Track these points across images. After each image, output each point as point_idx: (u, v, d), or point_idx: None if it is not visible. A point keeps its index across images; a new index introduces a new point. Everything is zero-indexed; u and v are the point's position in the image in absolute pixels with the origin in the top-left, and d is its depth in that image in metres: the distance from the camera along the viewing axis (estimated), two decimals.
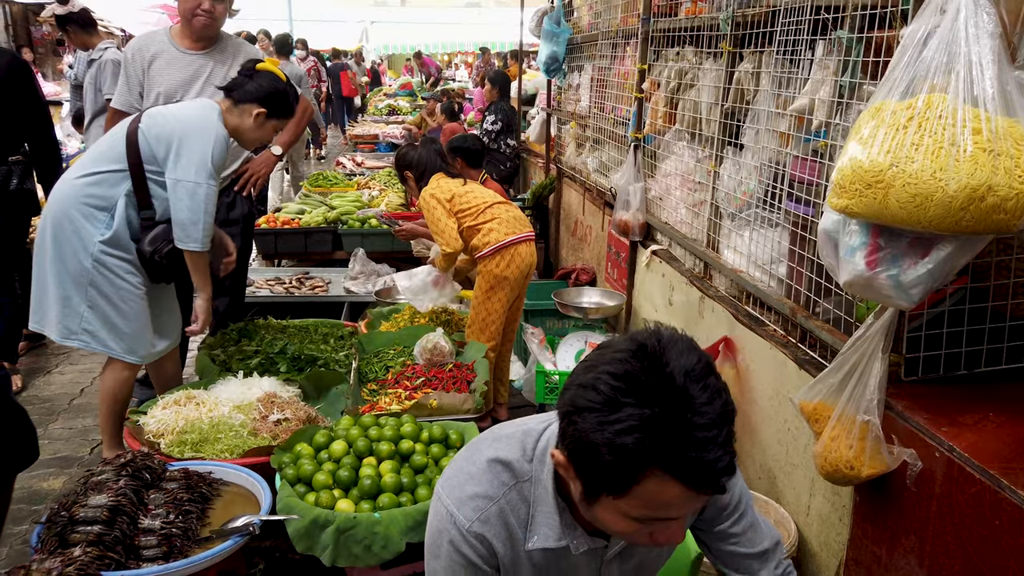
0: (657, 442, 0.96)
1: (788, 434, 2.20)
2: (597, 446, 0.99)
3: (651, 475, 0.98)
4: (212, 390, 2.98)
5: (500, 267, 3.36)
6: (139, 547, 2.03)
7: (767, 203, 2.43)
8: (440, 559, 1.24)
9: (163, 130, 2.70)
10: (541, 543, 1.22)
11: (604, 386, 1.00)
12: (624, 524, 1.07)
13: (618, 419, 0.98)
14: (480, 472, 1.25)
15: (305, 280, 4.90)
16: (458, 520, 1.22)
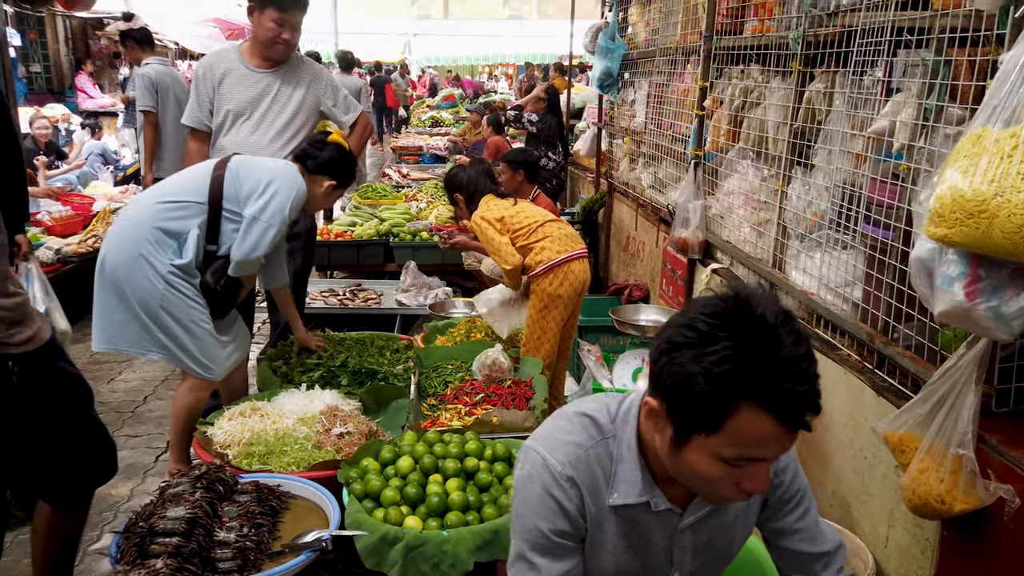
0: (751, 372, 1.03)
1: (864, 462, 2.16)
2: (693, 376, 1.05)
3: (744, 407, 1.04)
4: (275, 402, 3.02)
5: (553, 285, 3.36)
6: (215, 560, 2.06)
7: (840, 224, 2.39)
8: (530, 503, 1.26)
9: (253, 173, 2.84)
10: (622, 499, 1.25)
11: (701, 324, 1.07)
12: (713, 467, 1.11)
13: (714, 351, 1.04)
14: (570, 424, 1.31)
15: (358, 292, 4.95)
16: (550, 463, 1.24)
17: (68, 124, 9.59)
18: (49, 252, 4.65)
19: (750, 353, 1.04)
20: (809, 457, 2.48)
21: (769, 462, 1.13)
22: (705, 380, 1.04)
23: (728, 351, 1.04)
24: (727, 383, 1.03)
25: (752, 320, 1.06)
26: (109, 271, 2.74)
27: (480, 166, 3.78)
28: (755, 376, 1.03)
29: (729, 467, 1.10)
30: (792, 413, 1.04)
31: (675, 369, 1.08)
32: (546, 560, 1.26)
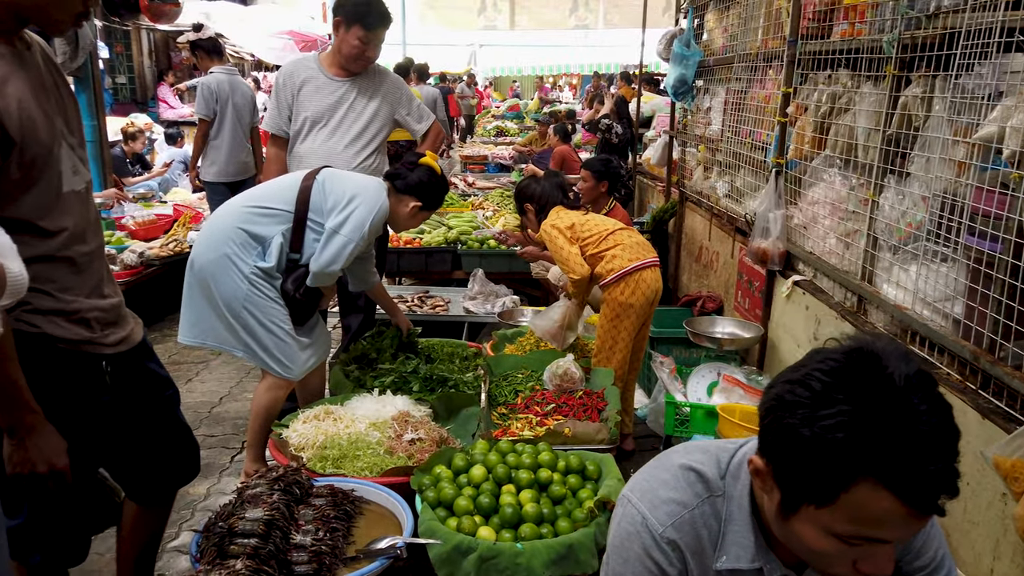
0: (871, 444, 0.88)
1: (967, 489, 2.03)
2: (804, 441, 0.93)
3: (862, 483, 0.90)
4: (348, 406, 3.04)
5: (625, 294, 3.30)
6: (291, 562, 2.06)
7: (939, 236, 2.27)
8: (628, 564, 1.17)
9: (337, 187, 2.89)
10: (731, 563, 1.14)
11: (815, 382, 0.94)
12: (826, 542, 0.98)
13: (829, 415, 0.91)
14: (673, 478, 1.18)
15: (426, 299, 4.97)
16: (651, 524, 1.15)
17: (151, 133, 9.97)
18: (133, 255, 4.81)
19: (871, 421, 0.89)
20: None
21: (892, 548, 0.98)
22: (816, 448, 0.91)
23: (844, 417, 0.90)
24: (842, 454, 0.90)
25: (876, 381, 0.91)
26: (197, 269, 2.81)
27: (555, 179, 3.75)
28: (876, 449, 0.88)
29: (844, 544, 0.97)
30: (920, 496, 0.89)
31: (783, 432, 0.95)
32: None
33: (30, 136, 1.52)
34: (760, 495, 1.10)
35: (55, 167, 1.60)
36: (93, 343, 1.70)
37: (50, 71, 1.65)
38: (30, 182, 1.55)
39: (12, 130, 1.48)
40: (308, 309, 2.92)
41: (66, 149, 1.64)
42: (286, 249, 2.84)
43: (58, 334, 1.63)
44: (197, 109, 5.66)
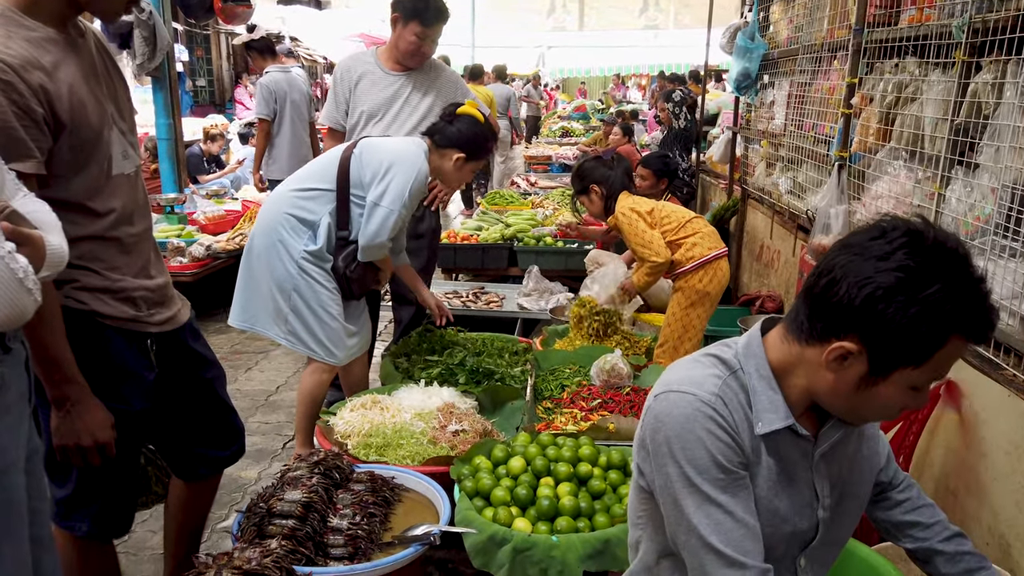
0: (963, 308, 1.09)
1: None
2: (913, 319, 1.09)
3: (953, 339, 1.11)
4: (395, 396, 3.07)
5: (703, 282, 3.27)
6: (327, 545, 2.09)
7: (1008, 229, 2.14)
8: (700, 443, 1.22)
9: (374, 157, 2.86)
10: (767, 426, 1.24)
11: (908, 262, 1.10)
12: (903, 396, 1.17)
13: (932, 293, 1.08)
14: (697, 363, 1.31)
15: (481, 295, 4.98)
16: (703, 397, 1.23)
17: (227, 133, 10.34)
18: (201, 248, 4.99)
19: (960, 290, 1.09)
20: (963, 489, 2.22)
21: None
22: (921, 320, 1.09)
23: (943, 292, 1.08)
24: (945, 321, 1.09)
25: (952, 256, 1.10)
26: (254, 256, 2.89)
27: (624, 164, 3.67)
28: (965, 311, 1.09)
29: (914, 392, 1.17)
30: (985, 336, 1.14)
31: (888, 315, 1.10)
32: (730, 498, 1.22)
33: (80, 120, 1.58)
34: (784, 357, 1.25)
35: (105, 150, 1.66)
36: (139, 321, 1.76)
37: (102, 58, 1.71)
38: (81, 164, 1.61)
39: (63, 114, 1.54)
40: (361, 285, 2.93)
41: (116, 133, 1.70)
42: (334, 228, 2.86)
43: (105, 311, 1.69)
44: (257, 109, 5.81)
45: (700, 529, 1.22)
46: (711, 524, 1.21)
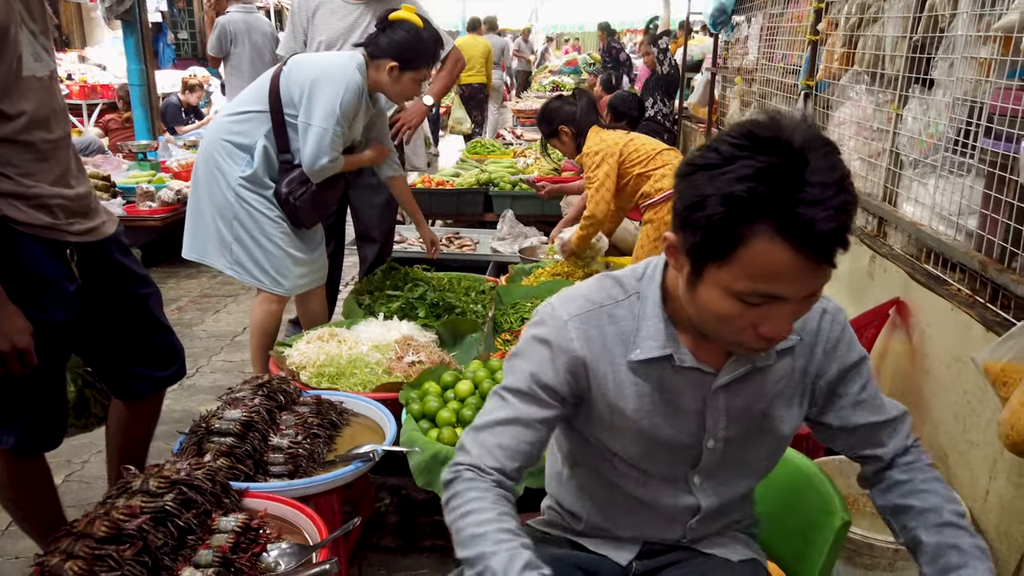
0: (769, 191, 0.93)
1: (967, 407, 1.89)
2: (707, 197, 0.97)
3: (759, 232, 0.94)
4: (354, 330, 3.05)
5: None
6: (267, 463, 2.09)
7: (959, 143, 2.10)
8: (526, 346, 1.20)
9: (302, 73, 2.74)
10: (645, 354, 1.16)
11: (724, 146, 0.98)
12: (726, 303, 1.01)
13: (732, 170, 0.96)
14: (589, 284, 1.23)
15: (455, 239, 4.95)
16: (558, 312, 1.18)
17: (208, 86, 10.18)
18: (170, 192, 4.93)
19: (770, 172, 0.93)
20: (908, 406, 2.20)
21: (791, 304, 1.01)
22: (719, 200, 0.95)
23: (747, 170, 0.94)
24: (741, 203, 0.94)
25: (778, 140, 0.95)
26: (198, 186, 2.85)
27: (587, 96, 3.56)
28: (772, 197, 0.93)
29: (744, 305, 1.00)
30: (812, 240, 0.93)
31: (689, 191, 1.00)
32: (519, 402, 1.18)
33: None
34: (675, 281, 1.15)
35: (13, 49, 1.60)
36: (56, 229, 1.72)
37: None
38: None
39: None
40: (309, 214, 2.86)
41: (26, 34, 1.64)
42: (273, 152, 2.79)
43: (18, 217, 1.66)
44: (208, 46, 5.77)
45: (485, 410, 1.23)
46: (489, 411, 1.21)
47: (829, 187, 0.93)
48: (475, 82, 10.06)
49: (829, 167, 0.94)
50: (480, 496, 1.17)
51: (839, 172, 0.95)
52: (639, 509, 1.30)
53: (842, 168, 0.96)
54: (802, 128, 0.97)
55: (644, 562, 1.34)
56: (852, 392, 1.24)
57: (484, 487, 1.17)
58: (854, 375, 1.23)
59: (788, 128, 0.97)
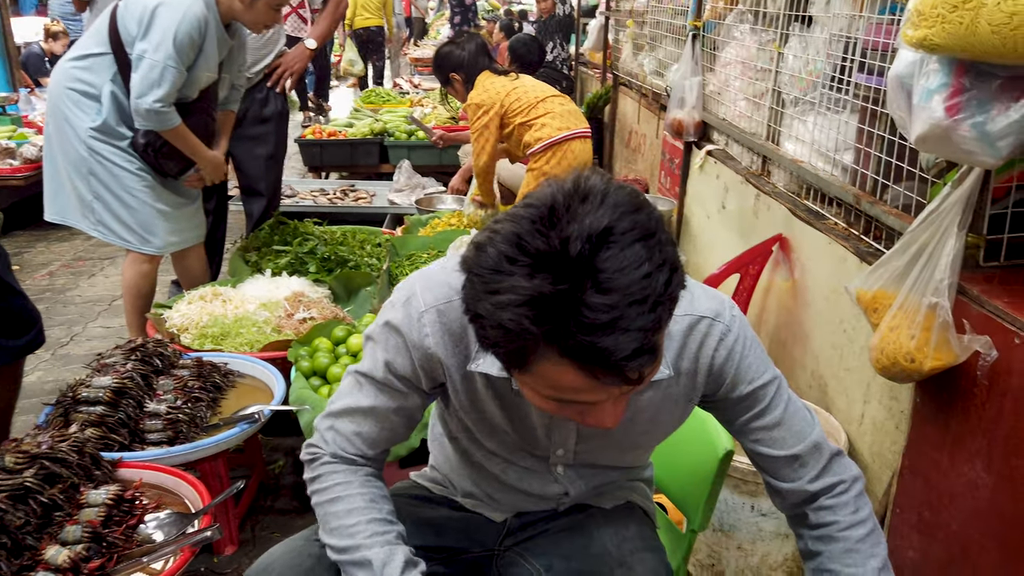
0: (542, 322, 0.78)
1: (843, 336, 1.97)
2: (482, 318, 0.83)
3: (546, 355, 0.81)
4: (240, 288, 2.91)
5: (551, 164, 3.16)
6: (144, 431, 1.97)
7: (835, 79, 2.14)
8: (385, 325, 1.08)
9: (138, 5, 2.48)
10: (486, 367, 1.05)
11: (493, 249, 0.81)
12: (542, 401, 0.90)
13: (501, 290, 0.80)
14: (456, 266, 1.08)
15: (349, 192, 4.79)
16: (415, 300, 1.05)
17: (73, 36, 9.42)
18: (33, 149, 4.54)
19: (543, 297, 0.77)
20: (791, 339, 2.29)
21: (609, 404, 0.90)
22: (491, 324, 0.81)
23: (515, 296, 0.78)
24: (517, 330, 0.79)
25: (553, 247, 0.78)
26: (51, 142, 2.60)
27: (476, 40, 3.46)
28: (548, 325, 0.78)
29: (560, 404, 0.89)
30: (602, 369, 0.80)
31: (469, 301, 0.85)
32: (375, 390, 1.11)
33: None
34: None
35: None
36: None
37: None
38: None
39: None
40: (174, 161, 2.64)
41: None
42: (123, 97, 2.56)
43: None
44: None
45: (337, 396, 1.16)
46: (346, 394, 1.14)
47: (616, 306, 0.76)
48: (372, 25, 9.66)
49: (622, 269, 0.77)
50: (346, 481, 1.13)
51: (639, 274, 0.77)
52: (509, 490, 1.26)
53: (647, 266, 0.78)
54: (591, 213, 0.78)
55: (520, 519, 1.32)
56: (742, 420, 1.11)
57: (349, 469, 1.14)
58: (748, 403, 1.10)
59: (568, 227, 0.78)
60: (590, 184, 0.82)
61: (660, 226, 0.82)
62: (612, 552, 1.19)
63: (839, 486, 1.12)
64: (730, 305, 1.10)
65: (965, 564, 1.44)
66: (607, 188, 0.81)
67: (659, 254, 0.80)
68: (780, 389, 1.12)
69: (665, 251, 0.81)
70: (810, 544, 1.13)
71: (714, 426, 1.42)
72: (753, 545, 1.89)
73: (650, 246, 0.79)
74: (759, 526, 1.87)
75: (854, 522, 1.10)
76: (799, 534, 1.15)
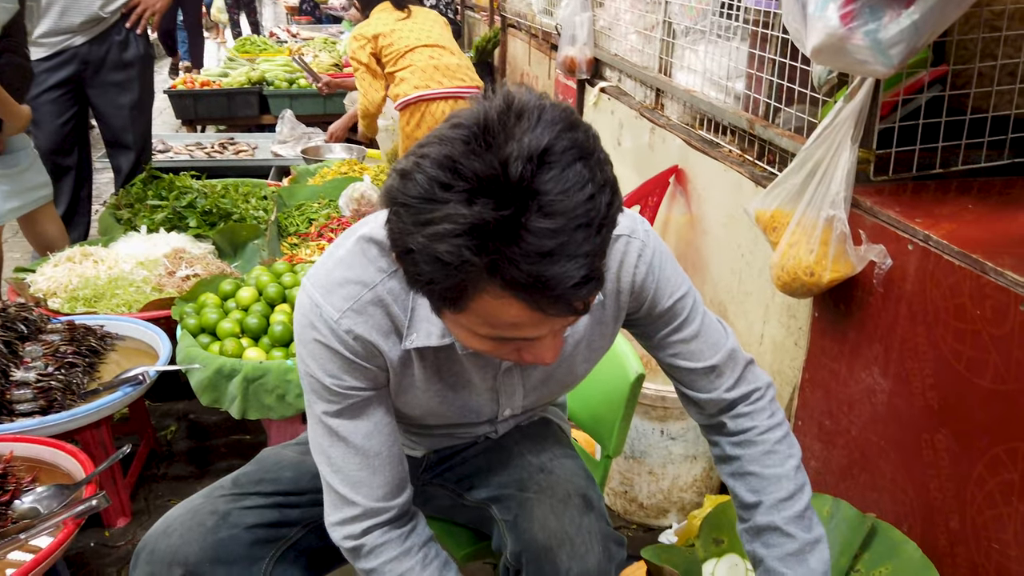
0: (482, 252, 0.72)
1: (741, 260, 2.01)
2: (413, 252, 0.76)
3: (486, 288, 0.76)
4: (113, 247, 2.69)
5: (411, 126, 3.02)
6: (11, 401, 1.78)
7: (725, 5, 2.14)
8: (314, 358, 0.99)
9: None
10: (422, 340, 0.98)
11: (422, 175, 0.74)
12: (477, 342, 0.86)
13: (434, 220, 0.73)
14: (350, 254, 0.98)
15: (229, 145, 4.51)
16: (326, 312, 0.96)
17: None
18: None
19: (482, 225, 0.71)
20: (691, 269, 2.32)
21: (547, 337, 0.86)
22: (425, 259, 0.74)
23: (451, 226, 0.72)
24: (451, 266, 0.73)
25: (492, 169, 0.71)
26: None
27: None
28: (489, 256, 0.72)
29: (496, 342, 0.85)
30: (546, 301, 0.75)
31: (394, 232, 0.78)
32: (344, 421, 1.02)
33: None
34: None
35: None
36: None
37: None
38: None
39: None
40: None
41: None
42: None
43: None
44: None
45: (317, 455, 1.05)
46: (324, 455, 1.04)
47: (562, 231, 0.71)
48: None
49: (567, 191, 0.72)
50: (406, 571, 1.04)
51: (583, 196, 0.72)
52: (435, 437, 1.24)
53: (591, 187, 0.73)
54: (529, 131, 0.72)
55: (439, 453, 1.29)
56: (662, 335, 1.10)
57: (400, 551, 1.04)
58: (668, 317, 1.08)
59: (505, 147, 0.72)
60: (523, 101, 0.75)
61: (597, 144, 0.77)
62: (532, 460, 1.18)
63: (755, 393, 1.13)
64: (641, 220, 1.08)
65: (865, 467, 1.51)
66: (542, 104, 0.75)
67: (600, 174, 0.75)
68: (696, 301, 1.12)
69: (605, 171, 0.76)
70: (728, 450, 1.14)
71: (624, 351, 1.41)
72: (664, 469, 1.93)
73: (591, 165, 0.74)
74: (669, 450, 1.91)
75: (771, 426, 1.12)
76: (715, 442, 1.16)
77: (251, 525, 1.12)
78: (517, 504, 1.12)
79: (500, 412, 1.16)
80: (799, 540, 1.08)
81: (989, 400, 1.18)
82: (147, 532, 1.11)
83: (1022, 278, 1.12)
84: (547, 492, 1.10)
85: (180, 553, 1.06)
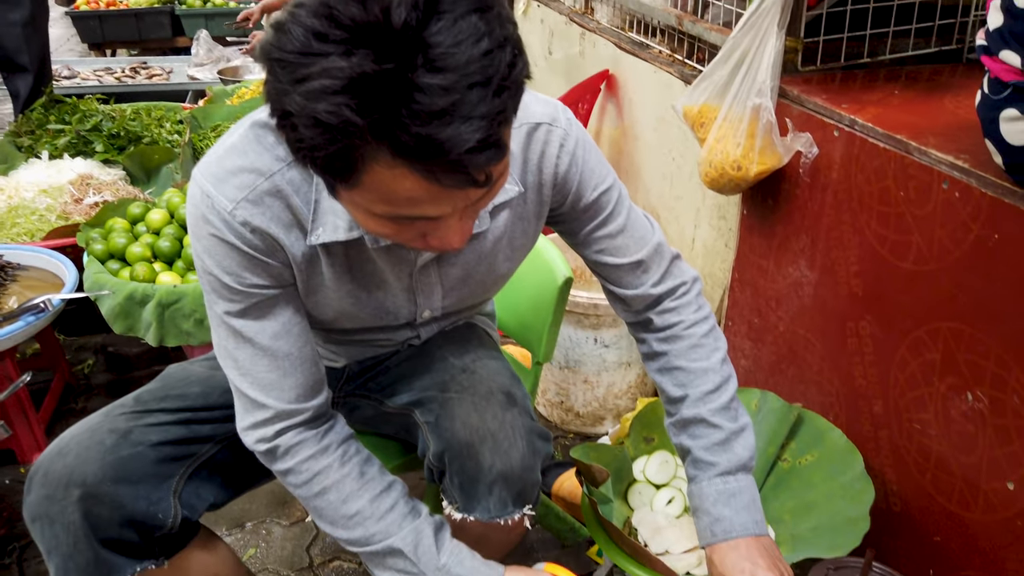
0: (367, 111, 0.64)
1: (672, 164, 1.97)
2: (292, 116, 0.67)
3: (376, 156, 0.68)
4: (13, 175, 2.51)
5: None
6: None
7: None
8: (209, 254, 0.91)
9: None
10: (329, 235, 0.91)
11: (298, 27, 0.65)
12: (377, 224, 0.78)
13: (311, 75, 0.64)
14: (243, 140, 0.89)
15: (141, 69, 4.23)
16: (218, 202, 0.87)
17: None
18: None
19: (363, 84, 0.63)
20: (623, 177, 2.28)
21: (451, 217, 0.77)
22: (304, 122, 0.66)
23: (330, 82, 0.63)
24: (334, 128, 0.65)
25: (373, 17, 0.63)
26: None
27: None
28: (373, 116, 0.64)
29: (397, 224, 0.77)
30: (441, 169, 0.68)
31: (271, 95, 0.68)
32: (250, 322, 0.95)
33: None
34: None
35: None
36: None
37: None
38: None
39: None
40: None
41: None
42: None
43: None
44: None
45: (223, 359, 0.99)
46: (231, 358, 0.97)
47: (455, 88, 0.64)
48: None
49: (459, 43, 0.64)
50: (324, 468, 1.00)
51: (479, 50, 0.65)
52: (355, 346, 1.19)
53: (488, 40, 0.65)
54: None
55: (360, 364, 1.24)
56: (587, 231, 1.06)
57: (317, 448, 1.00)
58: (593, 211, 1.04)
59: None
60: None
61: (501, 1, 0.69)
62: (454, 362, 1.13)
63: (681, 287, 1.11)
64: (563, 109, 1.02)
65: (792, 361, 1.51)
66: None
67: (500, 29, 0.67)
68: (621, 195, 1.07)
69: (506, 27, 0.68)
70: (655, 346, 1.12)
71: (551, 256, 1.36)
72: (598, 377, 1.92)
73: (488, 19, 0.66)
74: (603, 358, 1.90)
75: (697, 320, 1.10)
76: (642, 339, 1.14)
77: (156, 443, 1.06)
78: (439, 405, 1.08)
79: (419, 313, 1.10)
80: (725, 430, 1.07)
81: (911, 282, 1.18)
82: (41, 453, 1.04)
83: (946, 156, 1.10)
84: (469, 391, 1.07)
85: (77, 473, 0.99)
